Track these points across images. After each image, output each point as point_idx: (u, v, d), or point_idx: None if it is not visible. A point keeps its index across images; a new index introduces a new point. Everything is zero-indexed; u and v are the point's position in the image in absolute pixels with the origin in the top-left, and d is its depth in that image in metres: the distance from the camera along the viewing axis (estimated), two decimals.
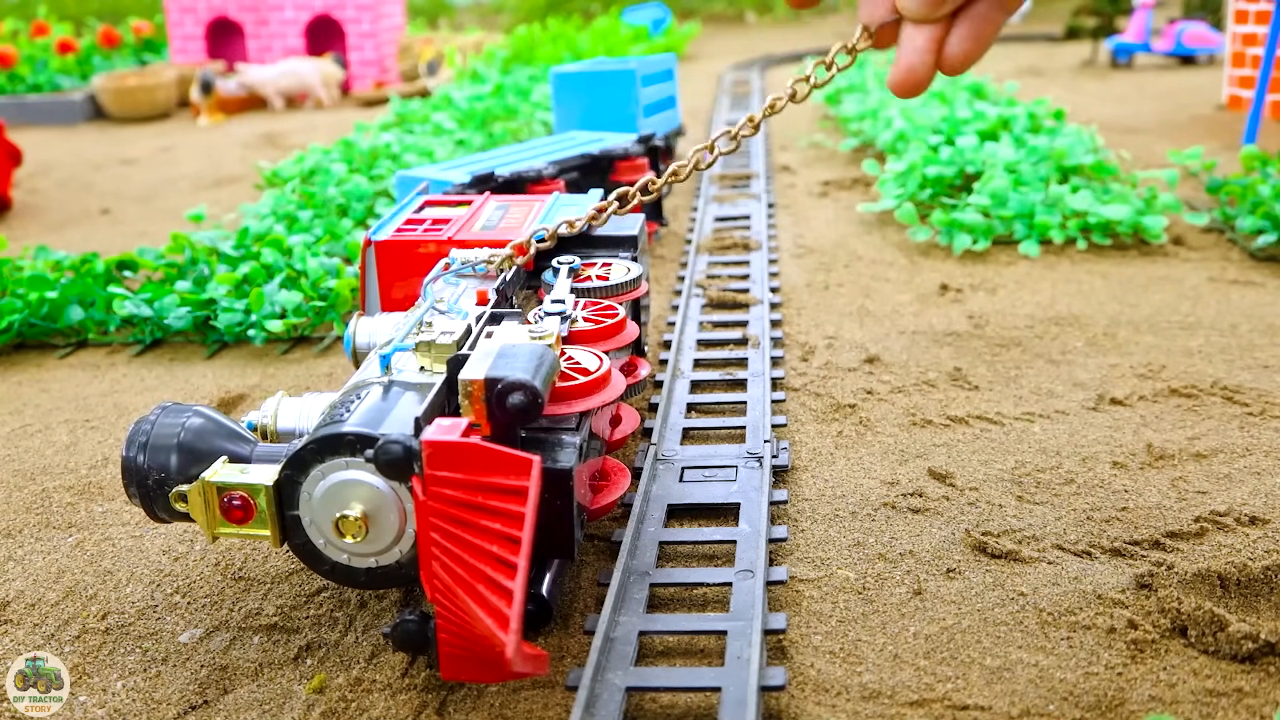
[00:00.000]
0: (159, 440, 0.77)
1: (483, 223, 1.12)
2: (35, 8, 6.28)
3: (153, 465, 0.76)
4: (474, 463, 0.64)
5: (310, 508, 0.71)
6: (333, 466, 0.70)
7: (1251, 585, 0.79)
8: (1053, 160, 1.94)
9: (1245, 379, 1.17)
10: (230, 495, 0.73)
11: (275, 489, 0.72)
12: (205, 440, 0.78)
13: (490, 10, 8.13)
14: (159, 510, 0.77)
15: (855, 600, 0.81)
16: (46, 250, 1.72)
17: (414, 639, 0.68)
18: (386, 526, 0.71)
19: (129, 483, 0.77)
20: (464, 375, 0.69)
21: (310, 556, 0.73)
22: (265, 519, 0.72)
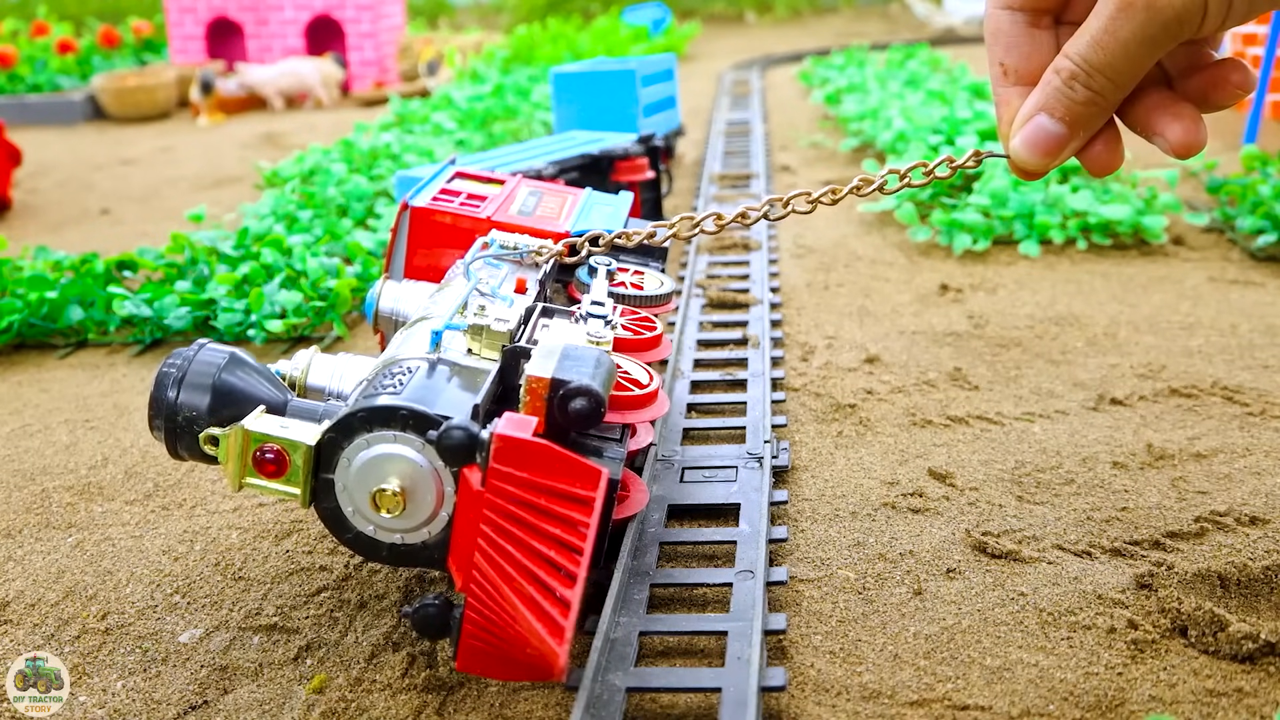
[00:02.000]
0: (195, 377, 0.75)
1: (518, 206, 1.10)
2: (35, 8, 6.28)
3: (185, 402, 0.74)
4: (543, 464, 0.63)
5: (347, 474, 0.70)
6: (380, 438, 0.69)
7: (1251, 585, 0.79)
8: None
9: (1245, 379, 1.17)
10: (266, 447, 0.71)
11: (315, 449, 0.70)
12: (243, 385, 0.76)
13: (490, 10, 8.13)
14: (182, 449, 0.76)
15: (855, 600, 0.81)
16: (46, 250, 1.72)
17: (433, 623, 0.67)
18: (422, 506, 0.70)
19: (156, 415, 0.75)
20: (531, 370, 0.69)
21: (335, 522, 0.72)
22: (298, 477, 0.71)
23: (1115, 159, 0.66)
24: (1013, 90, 0.66)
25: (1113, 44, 0.59)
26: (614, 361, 0.75)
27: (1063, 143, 0.64)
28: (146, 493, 1.04)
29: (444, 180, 1.14)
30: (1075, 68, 0.61)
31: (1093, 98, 0.62)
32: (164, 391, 0.75)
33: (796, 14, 7.60)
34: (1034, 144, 0.64)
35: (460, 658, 0.66)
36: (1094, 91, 0.62)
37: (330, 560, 0.90)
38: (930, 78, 3.34)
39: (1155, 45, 0.59)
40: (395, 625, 0.81)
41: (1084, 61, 0.61)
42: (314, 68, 4.05)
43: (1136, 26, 0.58)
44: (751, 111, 3.27)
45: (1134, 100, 0.64)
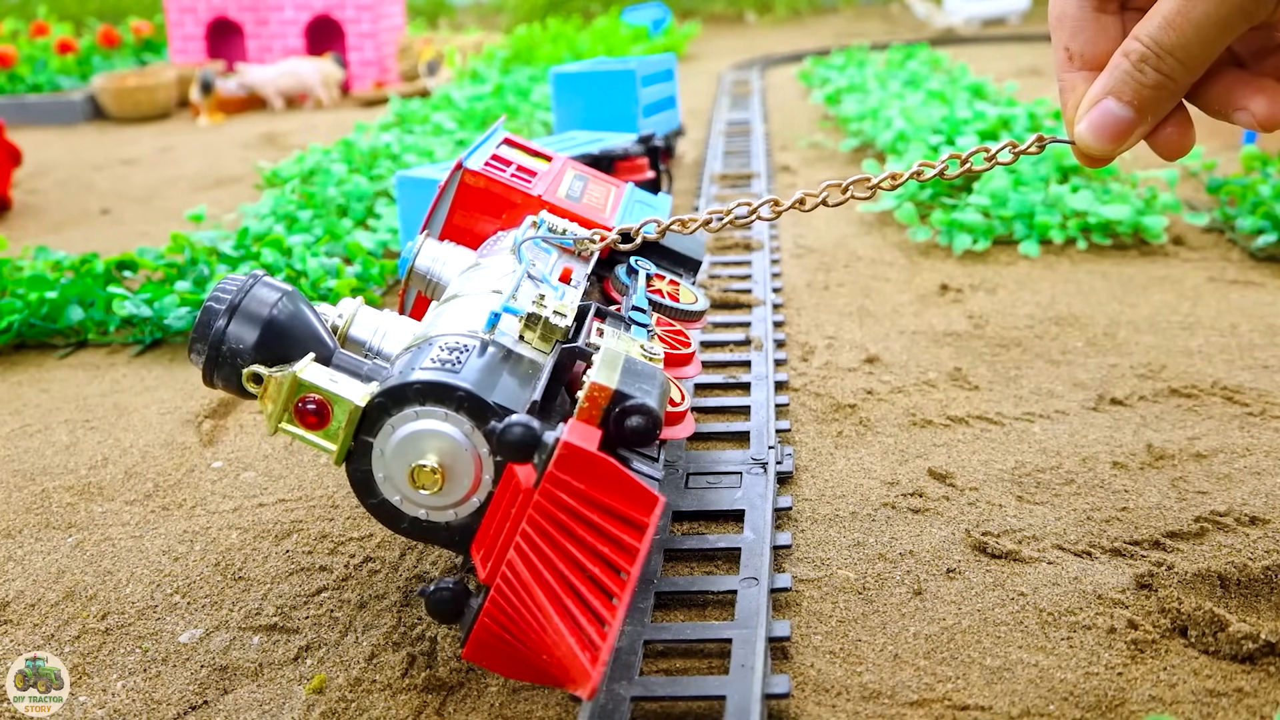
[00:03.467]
0: (249, 310, 0.73)
1: (566, 189, 1.07)
2: (35, 8, 6.28)
3: (232, 334, 0.73)
4: (602, 480, 0.62)
5: (388, 441, 0.70)
6: (430, 413, 0.69)
7: (1251, 585, 0.79)
8: (1052, 160, 1.94)
9: (1245, 379, 1.17)
10: (310, 398, 0.70)
11: (362, 411, 0.70)
12: (293, 326, 0.74)
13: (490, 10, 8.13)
14: (218, 378, 0.74)
15: (855, 600, 0.81)
16: (46, 250, 1.72)
17: (446, 608, 0.67)
18: (456, 488, 0.70)
19: (199, 340, 0.73)
20: (595, 378, 0.68)
21: (363, 486, 0.71)
22: (337, 434, 0.70)
23: (1186, 142, 0.65)
24: (1078, 75, 0.65)
25: (1185, 25, 0.59)
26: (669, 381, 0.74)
27: (1131, 127, 0.63)
28: (146, 493, 1.04)
29: (494, 145, 1.10)
30: (1145, 50, 0.60)
31: (1163, 81, 0.61)
32: (212, 318, 0.73)
33: (796, 14, 7.60)
34: (1101, 129, 0.63)
35: (469, 646, 0.65)
36: (1164, 74, 0.61)
37: (330, 560, 0.90)
38: (930, 78, 3.34)
39: (1228, 27, 0.58)
40: (395, 625, 0.81)
41: (1155, 44, 0.60)
42: (314, 68, 4.05)
43: (1210, 8, 0.57)
44: (751, 111, 3.27)
45: (1207, 81, 0.63)
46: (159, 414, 1.23)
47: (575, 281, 0.87)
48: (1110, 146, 0.64)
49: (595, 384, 0.68)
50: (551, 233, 0.92)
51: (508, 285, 0.81)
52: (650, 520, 0.62)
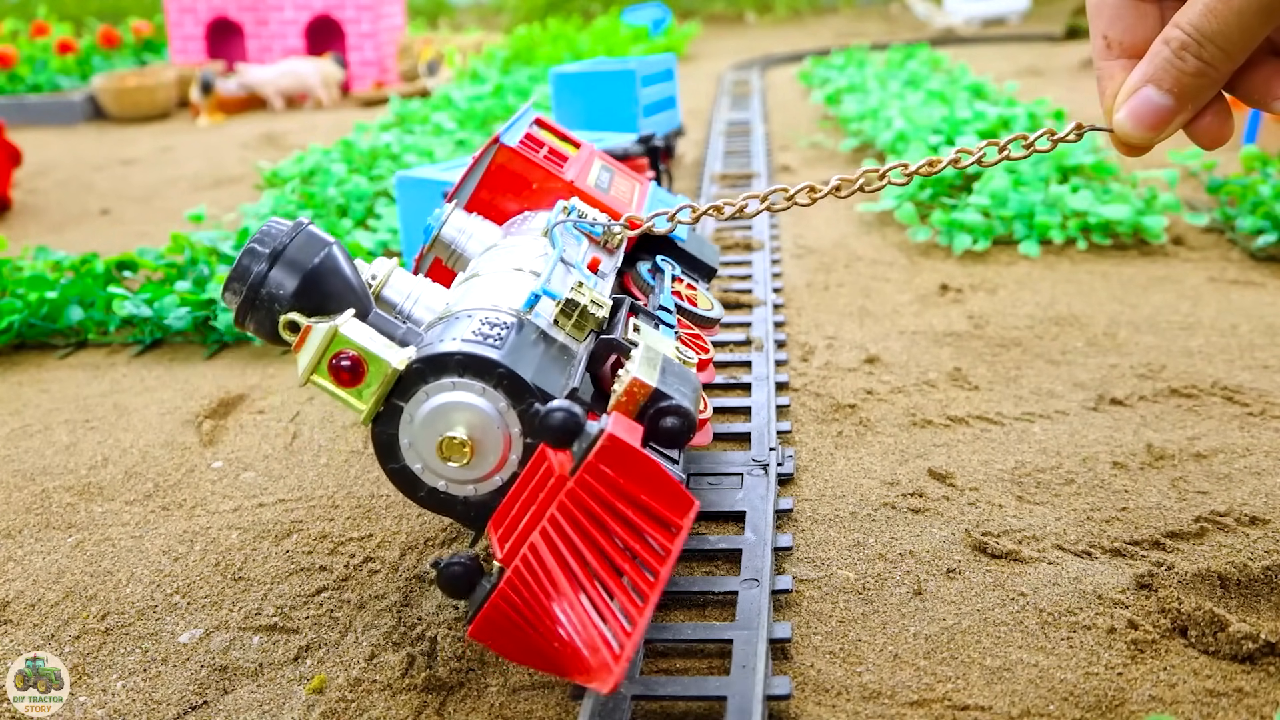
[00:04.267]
0: (293, 257, 0.71)
1: (594, 178, 1.05)
2: (35, 8, 6.28)
3: (274, 279, 0.71)
4: (642, 477, 0.62)
5: (420, 409, 0.69)
6: (468, 387, 0.68)
7: (1251, 585, 0.79)
8: (1053, 160, 1.94)
9: (1245, 379, 1.17)
10: (347, 354, 0.69)
11: (399, 375, 0.69)
12: (335, 280, 0.73)
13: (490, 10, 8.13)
14: (250, 321, 0.72)
15: (855, 601, 0.81)
16: (46, 250, 1.72)
17: (458, 583, 0.66)
18: (481, 464, 0.69)
19: (238, 281, 0.71)
20: (637, 374, 0.68)
21: (386, 449, 0.71)
22: (369, 394, 0.70)
23: (1225, 131, 0.64)
24: (1116, 63, 0.65)
25: (1227, 12, 0.58)
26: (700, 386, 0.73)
27: (1170, 115, 0.62)
28: (146, 493, 1.04)
29: (527, 124, 1.09)
30: (1186, 37, 0.60)
31: (1204, 68, 0.60)
32: (255, 261, 0.71)
33: (796, 14, 7.60)
34: (1140, 117, 0.63)
35: (477, 624, 0.65)
36: (1205, 62, 0.60)
37: (330, 560, 0.90)
38: (930, 78, 3.34)
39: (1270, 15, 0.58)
40: (395, 625, 0.81)
41: (1195, 31, 0.59)
42: (314, 68, 4.05)
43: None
44: (751, 111, 3.27)
45: (1246, 70, 0.63)
46: (159, 414, 1.23)
47: (604, 272, 0.86)
48: (1149, 134, 0.63)
49: (637, 380, 0.68)
50: (582, 219, 0.90)
51: (540, 266, 0.80)
52: (685, 523, 0.62)
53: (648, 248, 1.01)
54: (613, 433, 0.61)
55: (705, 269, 1.05)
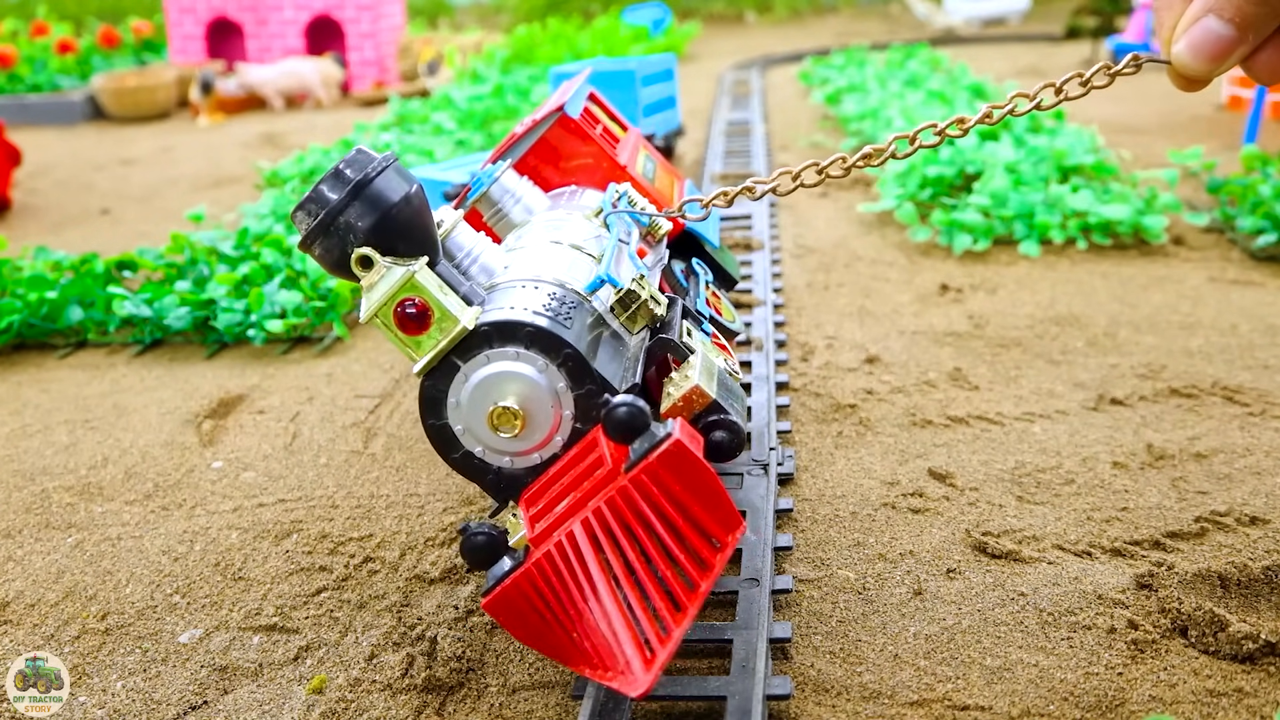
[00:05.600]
0: (378, 192, 0.68)
1: (641, 166, 1.02)
2: (35, 8, 6.28)
3: (355, 212, 0.68)
4: (698, 489, 0.61)
5: (478, 372, 0.68)
6: (531, 359, 0.67)
7: (1251, 585, 0.79)
8: (1053, 160, 1.94)
9: (1245, 379, 1.17)
10: (416, 301, 0.67)
11: (465, 335, 0.67)
12: (415, 224, 0.70)
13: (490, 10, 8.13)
14: (320, 248, 0.69)
15: (855, 600, 0.81)
16: (46, 250, 1.72)
17: (480, 554, 0.65)
18: (524, 439, 0.69)
19: (314, 203, 0.68)
20: (699, 381, 0.67)
21: (432, 405, 0.70)
22: (429, 346, 0.68)
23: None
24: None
25: None
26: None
27: (1231, 46, 0.61)
28: (146, 493, 1.04)
29: (584, 98, 1.05)
30: None
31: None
32: (337, 187, 0.68)
33: (796, 14, 7.60)
34: (1200, 48, 0.61)
35: (493, 598, 0.64)
36: None
37: (330, 560, 0.90)
38: (930, 78, 3.34)
39: None
40: (395, 625, 0.81)
41: None
42: (314, 68, 4.05)
43: None
44: (751, 111, 3.27)
45: None
46: (159, 414, 1.23)
47: (648, 264, 0.85)
48: (1209, 66, 0.62)
49: (698, 389, 0.67)
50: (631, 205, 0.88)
51: (593, 248, 0.79)
52: (731, 541, 0.61)
53: (679, 248, 0.99)
54: (680, 439, 0.60)
55: (729, 279, 1.03)
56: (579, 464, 0.66)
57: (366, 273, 0.68)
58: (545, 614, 0.63)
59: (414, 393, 1.24)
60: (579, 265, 0.76)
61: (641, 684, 0.58)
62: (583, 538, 0.62)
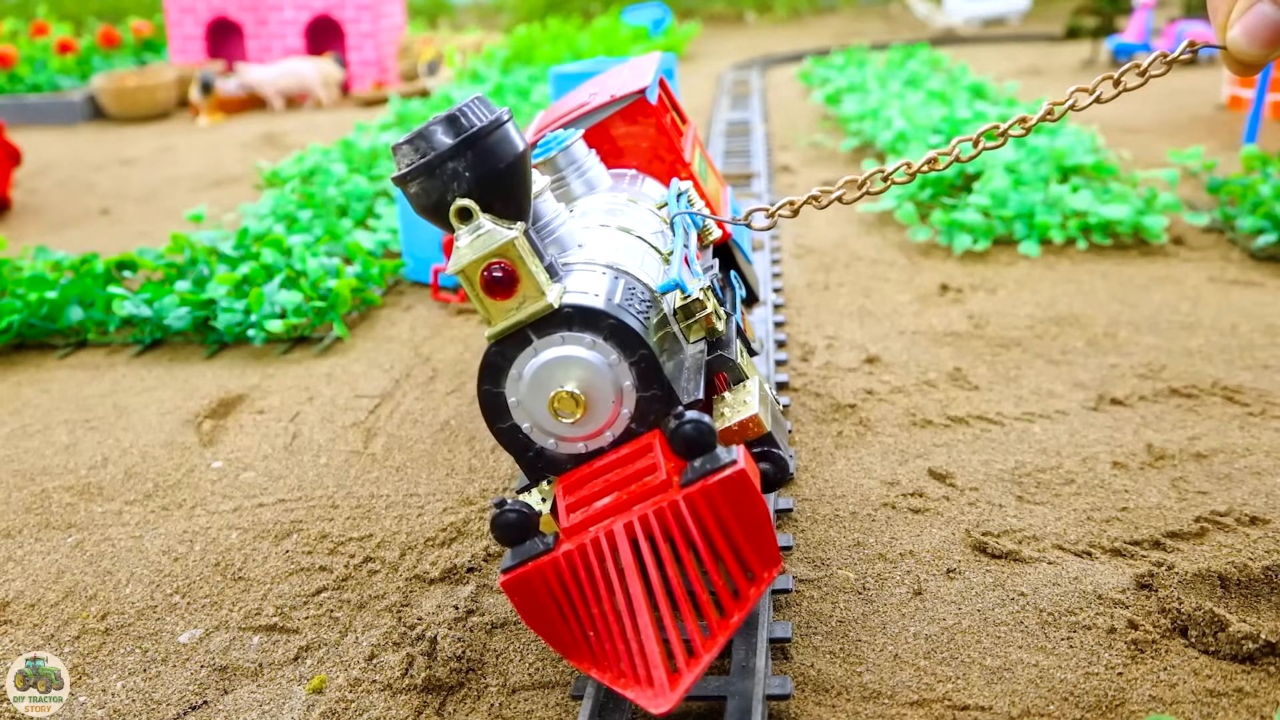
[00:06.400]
0: (491, 147, 0.66)
1: (698, 167, 0.99)
2: (35, 8, 6.28)
3: (465, 162, 0.65)
4: (747, 519, 0.60)
5: (550, 353, 0.67)
6: (605, 351, 0.66)
7: (1252, 585, 0.79)
8: (1053, 160, 1.94)
9: (1245, 379, 1.17)
10: (506, 265, 0.65)
11: (548, 312, 0.66)
12: (517, 186, 0.68)
13: (490, 10, 8.13)
14: (419, 187, 0.67)
15: (855, 600, 0.81)
16: (46, 250, 1.72)
17: (509, 532, 0.64)
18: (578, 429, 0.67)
19: (423, 140, 0.66)
20: (757, 410, 0.67)
21: (492, 373, 0.68)
22: (507, 314, 0.66)
23: None
24: None
25: None
26: None
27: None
28: (146, 493, 1.04)
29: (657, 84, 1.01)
30: None
31: None
32: (451, 134, 0.66)
33: (796, 14, 7.60)
34: (1254, 32, 0.61)
35: (513, 577, 0.63)
36: None
37: (330, 560, 0.90)
38: (930, 78, 3.34)
39: None
40: (395, 625, 0.81)
41: None
42: (314, 68, 4.05)
43: None
44: (752, 111, 3.27)
45: None
46: (159, 414, 1.23)
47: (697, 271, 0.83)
48: (1263, 51, 0.62)
49: (756, 418, 0.66)
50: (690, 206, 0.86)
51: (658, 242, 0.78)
52: (768, 577, 0.61)
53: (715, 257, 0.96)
54: (744, 469, 0.60)
55: (753, 295, 1.02)
56: (629, 465, 0.65)
57: (462, 225, 0.66)
58: (564, 606, 0.62)
59: (414, 393, 1.24)
60: (649, 260, 0.75)
61: (667, 702, 0.57)
62: (623, 540, 0.61)
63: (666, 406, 0.67)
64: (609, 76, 1.06)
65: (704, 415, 0.61)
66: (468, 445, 1.10)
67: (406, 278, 1.68)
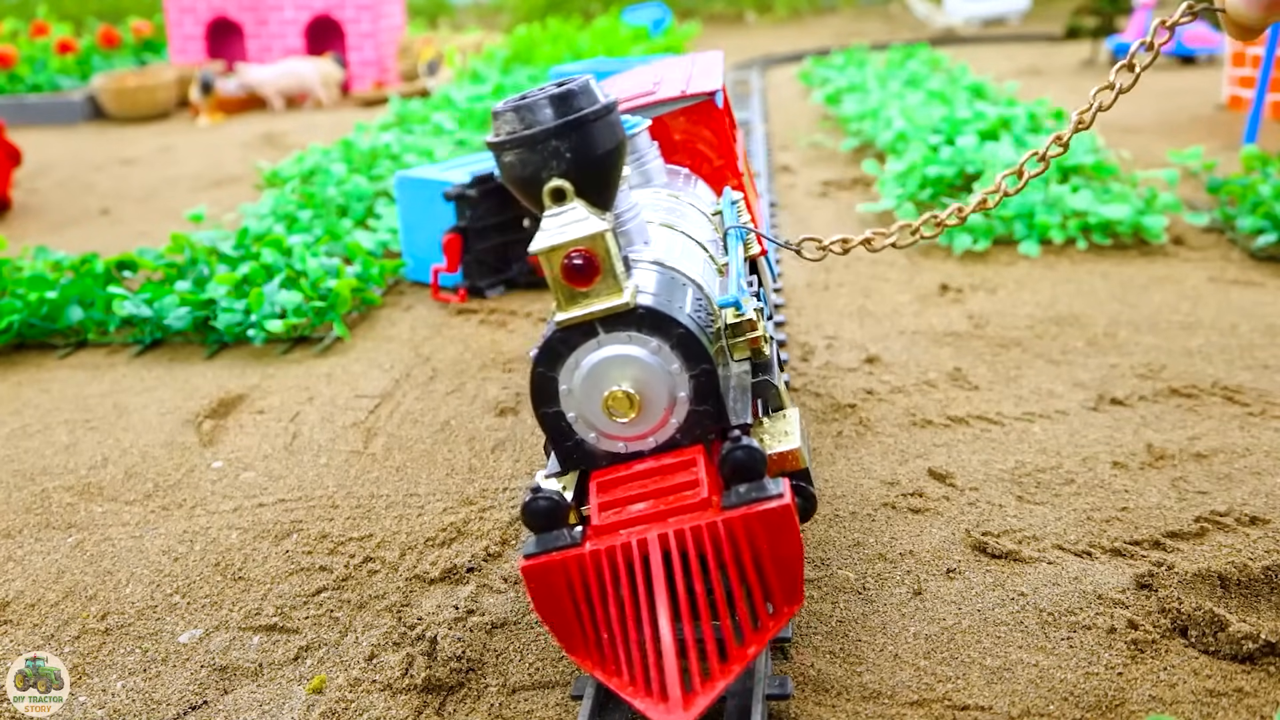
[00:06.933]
0: (597, 133, 0.65)
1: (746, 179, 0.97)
2: (35, 8, 6.28)
3: (569, 142, 0.64)
4: (781, 555, 0.60)
5: (613, 350, 0.65)
6: (667, 358, 0.65)
7: (1251, 585, 0.79)
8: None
9: (1245, 379, 1.17)
10: (589, 256, 0.63)
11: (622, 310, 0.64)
12: (614, 178, 0.67)
13: (490, 10, 8.13)
14: (515, 157, 0.65)
15: (855, 601, 0.81)
16: (46, 250, 1.72)
17: (539, 517, 0.63)
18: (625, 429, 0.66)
19: (531, 114, 0.64)
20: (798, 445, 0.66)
21: (552, 356, 0.66)
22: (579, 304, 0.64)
23: None
24: None
25: None
26: None
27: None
28: (146, 493, 1.04)
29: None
30: None
31: None
32: (561, 111, 0.64)
33: (796, 14, 7.60)
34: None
35: (535, 563, 0.62)
36: None
37: (330, 560, 0.90)
38: (930, 78, 3.34)
39: None
40: (395, 625, 0.81)
41: None
42: (314, 68, 4.05)
43: None
44: (752, 111, 3.27)
45: None
46: (159, 414, 1.23)
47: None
48: (1263, 14, 0.61)
49: (798, 453, 0.66)
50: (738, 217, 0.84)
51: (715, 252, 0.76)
52: (788, 614, 0.61)
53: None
54: (790, 505, 0.60)
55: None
56: (669, 475, 0.64)
57: (553, 205, 0.64)
58: (581, 603, 0.62)
59: (414, 393, 1.24)
60: (709, 271, 0.74)
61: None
62: (655, 550, 0.61)
63: (714, 424, 0.66)
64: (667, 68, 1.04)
65: (757, 445, 0.61)
66: (468, 445, 1.10)
67: (406, 278, 1.68)
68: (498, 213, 1.59)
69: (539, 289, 1.60)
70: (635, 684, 0.60)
